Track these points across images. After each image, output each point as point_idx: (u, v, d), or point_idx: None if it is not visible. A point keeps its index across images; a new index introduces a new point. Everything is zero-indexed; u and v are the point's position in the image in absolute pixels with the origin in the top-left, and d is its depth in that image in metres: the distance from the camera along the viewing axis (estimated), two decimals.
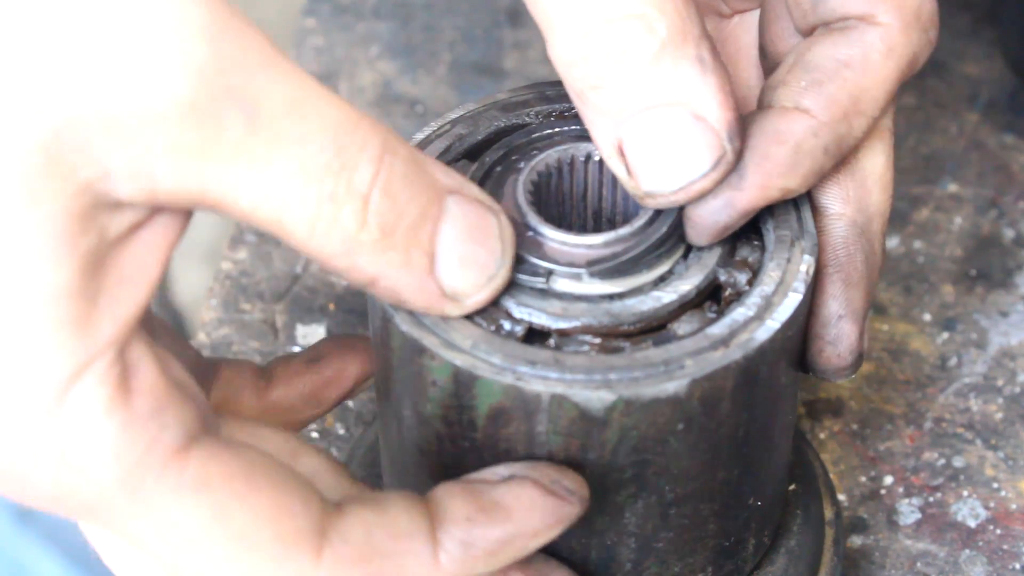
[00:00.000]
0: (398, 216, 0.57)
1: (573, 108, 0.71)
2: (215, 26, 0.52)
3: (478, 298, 0.62)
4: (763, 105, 0.67)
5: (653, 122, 0.62)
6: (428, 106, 1.08)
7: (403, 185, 0.57)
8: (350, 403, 0.92)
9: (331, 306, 0.97)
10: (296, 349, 0.94)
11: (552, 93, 0.72)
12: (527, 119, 0.71)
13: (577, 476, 0.62)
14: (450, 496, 0.60)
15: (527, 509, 0.60)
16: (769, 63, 0.72)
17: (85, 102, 0.51)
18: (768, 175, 0.64)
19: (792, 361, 0.67)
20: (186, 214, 0.55)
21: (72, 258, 0.52)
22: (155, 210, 0.54)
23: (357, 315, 0.96)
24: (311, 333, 0.95)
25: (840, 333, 0.68)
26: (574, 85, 0.62)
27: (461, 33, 1.13)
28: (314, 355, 0.74)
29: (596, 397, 0.61)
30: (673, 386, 0.61)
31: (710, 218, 0.65)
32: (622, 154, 0.63)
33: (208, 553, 0.56)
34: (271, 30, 0.56)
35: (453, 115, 0.71)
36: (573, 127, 0.70)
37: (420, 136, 0.70)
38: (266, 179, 0.54)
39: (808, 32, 0.69)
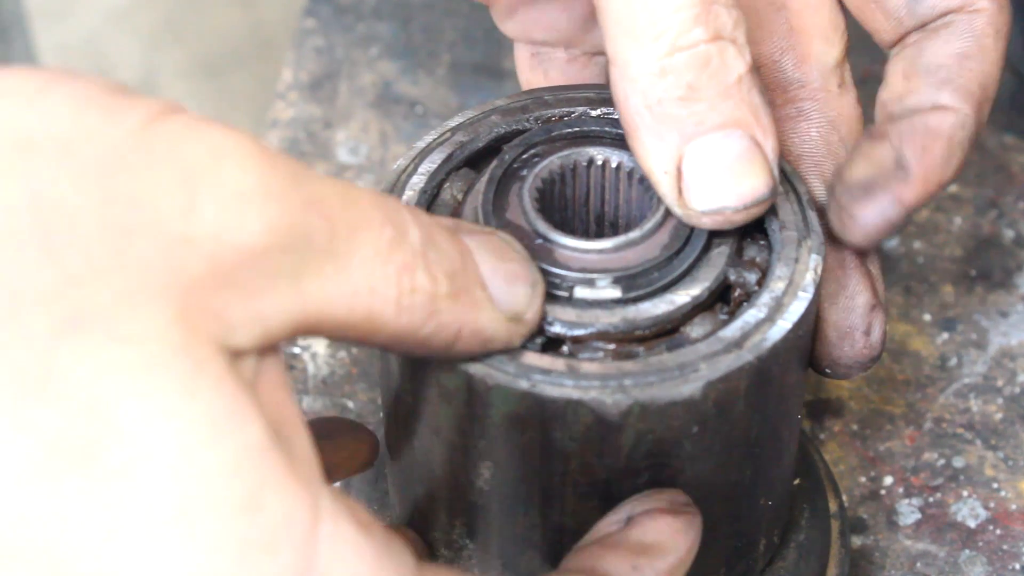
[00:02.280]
0: (451, 262, 0.58)
1: (572, 113, 0.71)
2: (267, 156, 0.52)
3: (534, 309, 0.62)
4: (894, 117, 0.70)
5: (722, 142, 0.64)
6: (428, 107, 1.08)
7: (437, 234, 0.57)
8: (350, 403, 0.92)
9: None
10: (296, 350, 0.94)
11: (551, 98, 0.72)
12: (527, 124, 0.71)
13: (674, 489, 0.64)
14: (600, 559, 0.61)
15: (672, 535, 0.62)
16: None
17: (198, 264, 0.50)
18: (929, 169, 0.67)
19: (802, 360, 0.68)
20: (282, 354, 0.55)
21: (250, 410, 0.50)
22: (263, 354, 0.53)
23: None
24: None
25: (874, 322, 0.70)
26: (654, 95, 0.63)
27: (461, 33, 1.13)
28: (323, 432, 0.73)
29: (612, 402, 0.61)
30: (688, 389, 0.61)
31: (879, 217, 0.67)
32: (679, 172, 0.64)
33: None
34: (271, 30, 0.56)
35: (452, 123, 0.71)
36: (570, 130, 0.70)
37: (421, 144, 0.70)
38: (353, 274, 0.54)
39: (897, 40, 0.72)
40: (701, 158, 0.64)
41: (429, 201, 0.68)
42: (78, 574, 0.48)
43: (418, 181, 0.68)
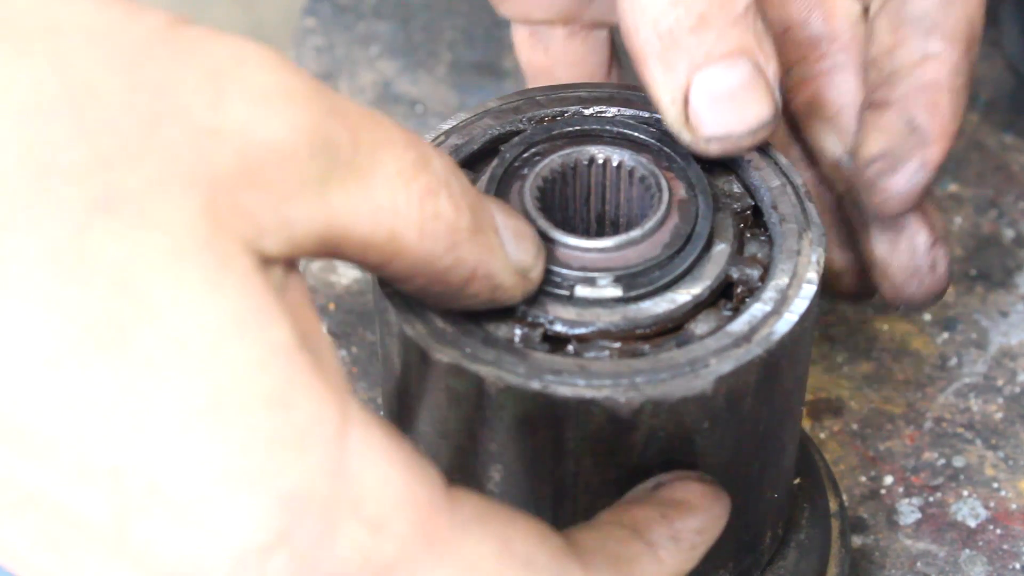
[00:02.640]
0: (473, 197, 0.57)
1: (565, 112, 0.71)
2: (288, 64, 0.52)
3: (539, 269, 0.62)
4: (887, 71, 0.71)
5: (728, 70, 0.65)
6: (428, 106, 1.08)
7: (459, 172, 0.58)
8: None
9: (331, 306, 0.97)
10: None
11: (542, 98, 0.72)
12: (520, 125, 0.71)
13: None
14: (628, 511, 0.61)
15: (704, 498, 0.62)
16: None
17: (226, 158, 0.50)
18: (943, 126, 0.69)
19: (807, 351, 0.68)
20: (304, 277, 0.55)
21: (277, 312, 0.50)
22: (289, 268, 0.53)
23: (357, 315, 0.96)
24: None
25: (938, 257, 0.73)
26: (665, 24, 0.65)
27: (461, 33, 1.13)
28: None
29: (625, 400, 0.61)
30: (699, 384, 0.61)
31: (909, 184, 0.69)
32: (685, 100, 0.66)
33: None
34: (271, 30, 0.57)
35: (446, 126, 0.71)
36: (570, 129, 0.70)
37: None
38: (376, 191, 0.53)
39: None
40: (708, 85, 0.65)
41: None
42: (106, 464, 0.48)
43: None
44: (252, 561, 0.49)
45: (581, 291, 0.64)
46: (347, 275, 0.98)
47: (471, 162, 0.71)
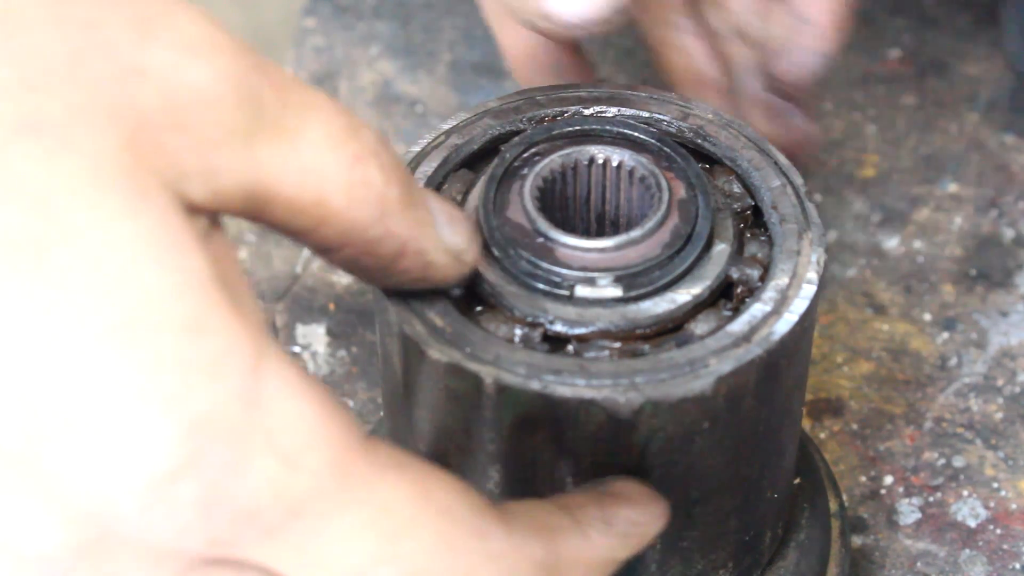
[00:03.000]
0: (404, 173, 0.57)
1: (566, 112, 0.71)
2: (217, 22, 0.53)
3: (473, 251, 0.62)
4: None
5: None
6: (428, 106, 1.08)
7: (390, 147, 0.57)
8: (350, 402, 0.92)
9: (331, 306, 0.97)
10: (296, 349, 0.94)
11: (542, 98, 0.72)
12: (520, 125, 0.71)
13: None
14: (567, 495, 0.61)
15: (643, 495, 0.62)
16: None
17: (151, 98, 0.50)
18: (832, 15, 0.75)
19: (807, 351, 0.68)
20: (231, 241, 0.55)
21: (195, 247, 0.50)
22: (214, 223, 0.53)
23: (357, 315, 0.96)
24: (311, 333, 0.95)
25: (808, 130, 0.80)
26: None
27: (461, 33, 1.13)
28: None
29: (624, 400, 0.61)
30: (699, 385, 0.61)
31: (802, 70, 0.76)
32: None
33: (422, 534, 0.53)
34: (271, 30, 0.57)
35: (446, 125, 0.71)
36: (570, 128, 0.70)
37: (416, 148, 0.70)
38: (304, 152, 0.54)
39: None
40: None
41: None
42: (17, 385, 0.47)
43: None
44: (161, 489, 0.48)
45: (581, 291, 0.64)
46: (347, 275, 0.98)
47: (471, 162, 0.71)
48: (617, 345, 0.63)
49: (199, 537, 0.50)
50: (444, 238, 0.60)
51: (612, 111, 0.71)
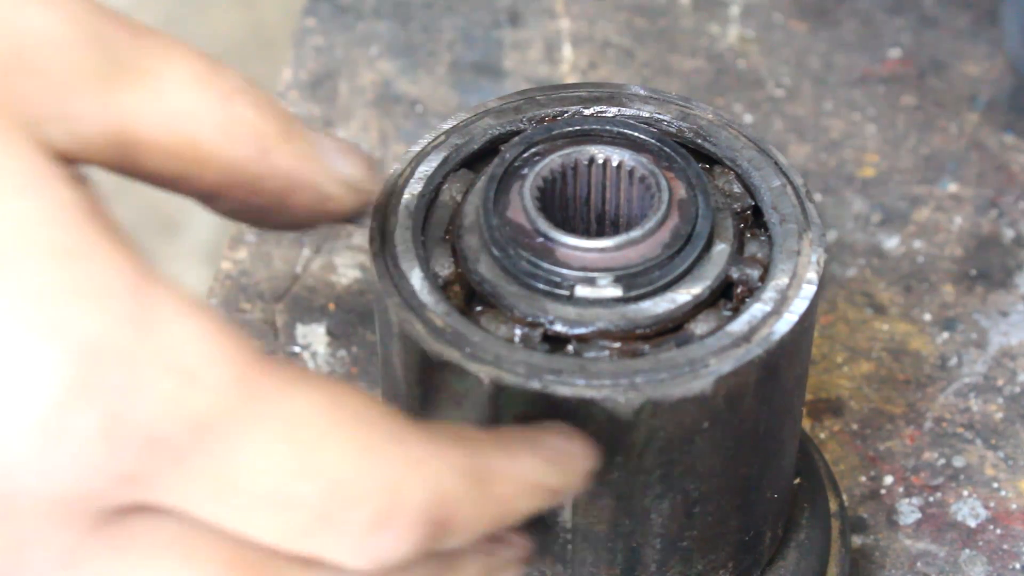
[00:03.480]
0: (279, 108, 0.56)
1: (566, 112, 0.71)
2: None
3: (372, 181, 0.61)
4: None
5: None
6: (428, 106, 1.08)
7: (255, 82, 0.57)
8: None
9: (331, 306, 0.97)
10: (296, 349, 0.94)
11: (543, 98, 0.72)
12: (521, 125, 0.71)
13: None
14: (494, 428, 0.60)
15: (570, 431, 0.60)
16: None
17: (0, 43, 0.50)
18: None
19: (807, 351, 0.68)
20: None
21: (64, 180, 0.49)
22: (83, 176, 0.52)
23: (357, 315, 0.96)
24: (311, 333, 0.95)
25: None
26: None
27: (461, 33, 1.13)
28: None
29: (624, 400, 0.61)
30: (699, 385, 0.61)
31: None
32: None
33: (338, 443, 0.51)
34: (271, 30, 0.57)
35: (446, 125, 0.71)
36: (571, 128, 0.70)
37: (416, 148, 0.70)
38: (169, 95, 0.53)
39: None
40: None
41: (428, 203, 0.68)
42: None
43: (416, 184, 0.68)
44: (55, 422, 0.47)
45: (581, 291, 0.64)
46: (347, 275, 0.98)
47: (471, 162, 0.71)
48: (617, 345, 0.63)
49: (105, 474, 0.48)
50: (337, 168, 0.59)
51: (612, 111, 0.71)
